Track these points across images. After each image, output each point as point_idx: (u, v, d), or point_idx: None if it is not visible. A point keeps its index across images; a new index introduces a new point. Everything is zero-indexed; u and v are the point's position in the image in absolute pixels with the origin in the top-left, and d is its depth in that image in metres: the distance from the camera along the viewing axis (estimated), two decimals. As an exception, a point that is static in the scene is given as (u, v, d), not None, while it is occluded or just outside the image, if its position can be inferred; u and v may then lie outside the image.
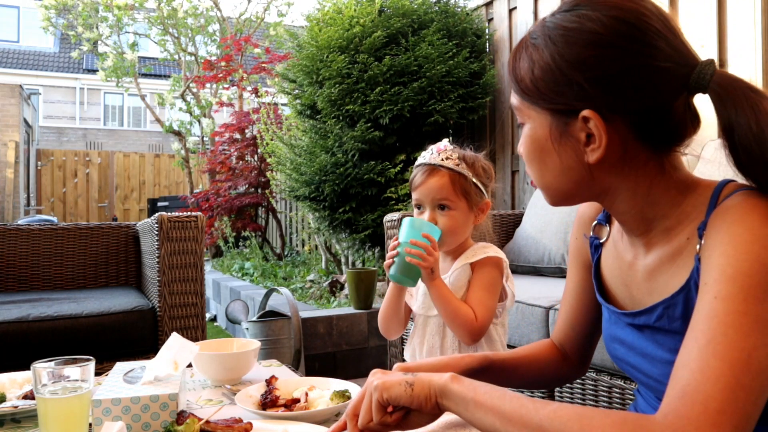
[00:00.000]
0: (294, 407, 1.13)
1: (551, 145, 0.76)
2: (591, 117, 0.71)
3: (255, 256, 5.78)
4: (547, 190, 0.81)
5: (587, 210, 0.95)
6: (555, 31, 0.73)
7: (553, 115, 0.75)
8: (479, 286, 1.29)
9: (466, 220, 1.33)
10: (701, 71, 0.70)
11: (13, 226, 2.54)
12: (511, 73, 0.79)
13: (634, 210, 0.77)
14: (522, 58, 0.77)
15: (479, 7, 3.71)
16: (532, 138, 0.78)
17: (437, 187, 1.30)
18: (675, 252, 0.75)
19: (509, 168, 3.44)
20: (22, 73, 16.48)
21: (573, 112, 0.73)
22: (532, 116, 0.78)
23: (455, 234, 1.33)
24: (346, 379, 1.29)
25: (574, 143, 0.74)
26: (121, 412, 1.00)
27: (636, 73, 0.70)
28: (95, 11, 8.63)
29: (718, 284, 0.63)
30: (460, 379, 0.73)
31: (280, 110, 5.72)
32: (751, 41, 2.18)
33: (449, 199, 1.30)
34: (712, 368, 0.59)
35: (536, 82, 0.75)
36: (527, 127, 0.79)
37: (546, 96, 0.74)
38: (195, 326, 2.11)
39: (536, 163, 0.79)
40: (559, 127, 0.75)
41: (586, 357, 1.02)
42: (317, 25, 3.55)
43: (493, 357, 0.93)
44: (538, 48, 0.75)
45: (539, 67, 0.74)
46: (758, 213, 0.65)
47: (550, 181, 0.79)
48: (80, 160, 12.52)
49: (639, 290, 0.81)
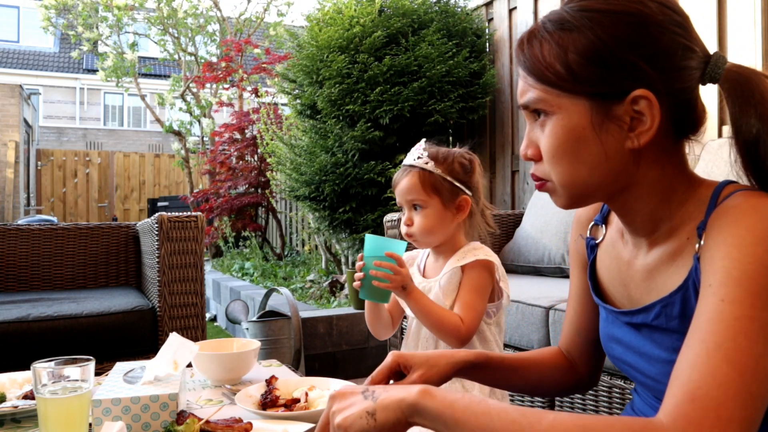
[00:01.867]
0: (294, 407, 1.13)
1: (591, 133, 0.71)
2: (645, 96, 0.69)
3: (255, 256, 5.78)
4: (573, 187, 0.75)
5: (584, 212, 0.95)
6: (595, 13, 0.71)
7: (593, 99, 0.71)
8: (468, 289, 1.29)
9: (442, 218, 1.32)
10: (717, 61, 0.72)
11: (13, 226, 2.54)
12: (528, 63, 0.74)
13: (649, 207, 0.76)
14: (543, 45, 0.73)
15: (479, 7, 3.71)
16: (567, 128, 0.72)
17: (407, 187, 1.31)
18: (675, 251, 0.75)
19: (509, 168, 3.43)
20: (22, 73, 16.48)
21: (621, 93, 0.70)
22: (564, 105, 0.72)
23: (431, 233, 1.32)
24: (346, 379, 1.29)
25: (618, 127, 0.71)
26: (121, 412, 1.00)
27: (679, 53, 0.70)
28: (95, 11, 8.62)
29: (725, 287, 0.63)
30: (433, 394, 0.65)
31: (280, 110, 5.72)
32: (751, 41, 2.18)
33: (420, 198, 1.31)
34: (723, 374, 0.58)
35: (573, 66, 0.70)
36: (557, 119, 0.73)
37: (587, 80, 0.70)
38: (195, 326, 2.11)
39: (568, 156, 0.73)
40: (601, 113, 0.71)
41: (596, 367, 0.98)
42: (317, 25, 3.55)
43: (492, 355, 0.90)
44: (572, 32, 0.71)
45: (577, 51, 0.70)
46: (759, 214, 0.65)
47: (583, 175, 0.73)
48: (80, 160, 12.52)
49: (637, 289, 0.81)
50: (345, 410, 0.67)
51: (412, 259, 1.46)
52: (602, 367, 0.99)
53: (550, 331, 1.75)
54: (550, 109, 0.73)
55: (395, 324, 1.42)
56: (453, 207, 1.33)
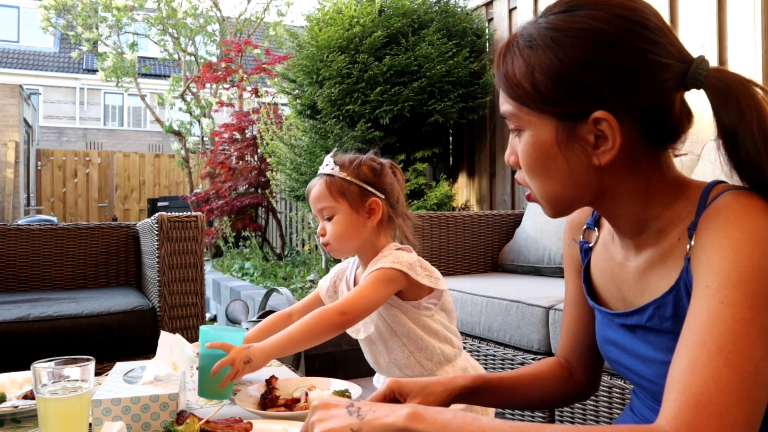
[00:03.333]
0: (294, 407, 1.13)
1: (557, 151, 0.72)
2: (604, 118, 0.69)
3: (255, 256, 5.78)
4: (551, 201, 0.77)
5: (576, 216, 0.94)
6: (557, 32, 0.71)
7: (558, 118, 0.72)
8: (368, 279, 1.24)
9: (353, 222, 1.30)
10: (698, 67, 0.70)
11: (13, 226, 2.54)
12: (503, 78, 0.75)
13: (631, 211, 0.76)
14: (514, 61, 0.74)
15: (479, 7, 3.71)
16: (535, 146, 0.74)
17: (315, 195, 1.31)
18: (665, 252, 0.75)
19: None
20: (22, 73, 16.48)
21: (583, 114, 0.70)
22: (533, 122, 0.73)
23: (345, 238, 1.30)
24: (346, 379, 1.29)
25: (582, 146, 0.72)
26: (121, 412, 1.00)
27: (644, 70, 0.69)
28: (95, 11, 8.63)
29: (724, 289, 0.62)
30: (423, 416, 0.62)
31: (280, 110, 5.72)
32: (751, 41, 2.18)
33: (328, 205, 1.30)
34: (725, 379, 0.58)
35: (539, 86, 0.71)
36: (527, 135, 0.74)
37: (551, 100, 0.71)
38: (195, 326, 2.11)
39: (540, 172, 0.75)
40: (566, 131, 0.72)
41: (595, 374, 0.97)
42: (317, 25, 3.55)
43: (489, 376, 0.88)
44: (538, 50, 0.71)
45: (542, 71, 0.71)
46: (751, 214, 0.65)
47: (556, 189, 0.75)
48: (80, 160, 12.52)
49: (630, 291, 0.81)
50: (326, 421, 0.64)
51: (342, 272, 1.43)
52: (602, 374, 0.99)
53: (550, 331, 1.75)
54: (521, 125, 0.75)
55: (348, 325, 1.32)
56: (363, 211, 1.30)
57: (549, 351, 1.77)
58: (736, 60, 2.24)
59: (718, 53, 2.29)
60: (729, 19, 2.26)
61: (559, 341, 1.00)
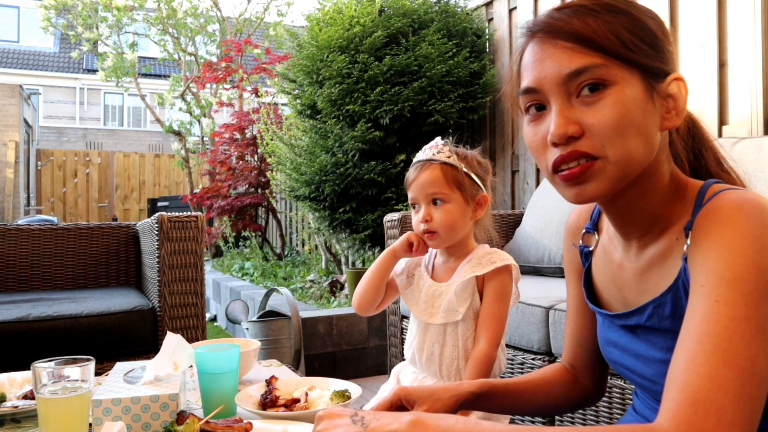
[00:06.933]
0: (294, 407, 1.13)
1: (644, 106, 0.70)
2: (680, 79, 0.73)
3: (255, 256, 5.78)
4: (628, 162, 0.70)
5: (574, 220, 0.95)
6: (625, 3, 0.73)
7: (643, 74, 0.71)
8: (492, 298, 1.25)
9: (463, 213, 1.29)
10: None
11: (13, 226, 2.54)
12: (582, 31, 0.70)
13: (651, 205, 0.76)
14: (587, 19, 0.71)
15: (479, 7, 3.71)
16: (630, 98, 0.69)
17: (429, 180, 1.27)
18: (664, 252, 0.75)
19: (509, 168, 3.43)
20: (22, 73, 16.48)
21: (663, 74, 0.73)
22: (623, 76, 0.70)
23: (453, 229, 1.28)
24: (346, 379, 1.29)
25: (659, 107, 0.72)
26: (121, 412, 1.00)
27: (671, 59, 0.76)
28: (95, 11, 8.63)
29: (718, 288, 0.63)
30: (426, 423, 0.62)
31: (280, 110, 5.72)
32: (751, 41, 2.18)
33: (443, 192, 1.26)
34: (722, 376, 0.59)
35: (626, 41, 0.70)
36: (618, 88, 0.69)
37: (641, 52, 0.71)
38: (195, 326, 2.11)
39: (633, 127, 0.70)
40: (650, 88, 0.71)
41: (600, 379, 0.97)
42: (317, 25, 3.55)
43: (495, 382, 0.88)
44: (618, 15, 0.71)
45: (627, 29, 0.71)
46: (746, 213, 0.66)
47: (640, 149, 0.71)
48: (80, 160, 12.52)
49: (631, 292, 0.81)
50: (331, 431, 0.65)
51: (414, 261, 1.41)
52: (607, 378, 0.98)
53: (550, 331, 1.75)
54: (612, 78, 0.69)
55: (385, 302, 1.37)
56: (473, 204, 1.30)
57: (549, 351, 1.77)
58: (736, 60, 2.24)
59: (718, 53, 2.29)
60: (729, 19, 2.26)
61: (563, 347, 1.00)
